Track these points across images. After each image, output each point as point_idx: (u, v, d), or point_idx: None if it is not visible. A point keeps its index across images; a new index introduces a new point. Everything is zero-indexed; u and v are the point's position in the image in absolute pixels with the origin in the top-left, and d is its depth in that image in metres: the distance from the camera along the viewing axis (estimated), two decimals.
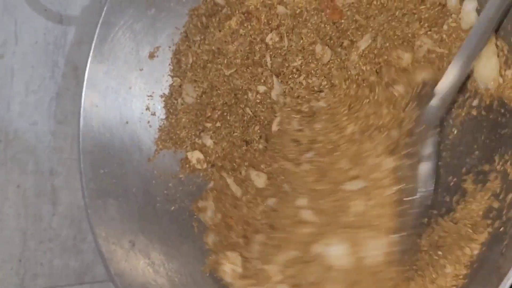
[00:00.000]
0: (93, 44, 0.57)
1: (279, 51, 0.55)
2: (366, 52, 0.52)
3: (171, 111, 0.59)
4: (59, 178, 0.69)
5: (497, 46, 0.47)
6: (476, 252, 0.44)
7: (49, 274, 0.68)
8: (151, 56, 0.59)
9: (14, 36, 0.67)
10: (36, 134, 0.68)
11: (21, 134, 0.68)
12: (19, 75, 0.67)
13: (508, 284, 0.39)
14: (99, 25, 0.57)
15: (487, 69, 0.47)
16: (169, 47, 0.60)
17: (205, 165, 0.57)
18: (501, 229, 0.44)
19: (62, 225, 0.69)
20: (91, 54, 0.57)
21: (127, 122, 0.59)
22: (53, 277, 0.69)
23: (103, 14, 0.57)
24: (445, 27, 0.50)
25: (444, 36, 0.50)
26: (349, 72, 0.53)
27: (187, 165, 0.57)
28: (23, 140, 0.68)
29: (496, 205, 0.45)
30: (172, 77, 0.59)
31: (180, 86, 0.59)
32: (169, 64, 0.59)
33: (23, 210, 0.68)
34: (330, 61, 0.54)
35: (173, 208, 0.59)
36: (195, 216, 0.59)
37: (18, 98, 0.68)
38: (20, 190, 0.68)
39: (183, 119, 0.58)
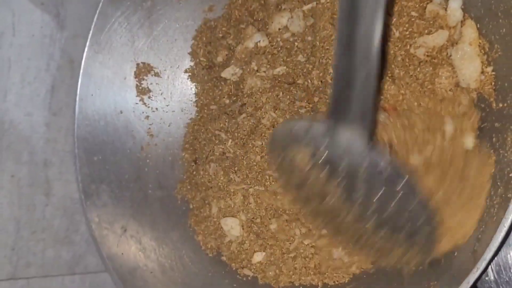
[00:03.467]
0: (90, 34, 0.59)
1: None
2: None
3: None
4: (53, 169, 0.70)
5: (479, 44, 0.48)
6: None
7: (41, 263, 0.69)
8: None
9: (11, 28, 0.68)
10: (31, 125, 0.69)
11: (16, 124, 0.69)
12: (16, 66, 0.68)
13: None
14: (96, 16, 0.58)
15: (470, 70, 0.49)
16: (167, 40, 0.62)
17: None
18: None
19: (55, 216, 0.71)
20: (87, 44, 0.59)
21: (121, 112, 0.61)
22: (45, 266, 0.70)
23: (100, 4, 0.58)
24: None
25: None
26: None
27: None
28: (18, 130, 0.69)
29: None
30: None
31: None
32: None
33: (17, 199, 0.69)
34: None
35: (163, 195, 0.60)
36: (185, 203, 0.60)
37: (14, 89, 0.68)
38: (14, 179, 0.69)
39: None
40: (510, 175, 0.41)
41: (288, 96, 0.55)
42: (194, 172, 0.60)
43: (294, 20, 0.56)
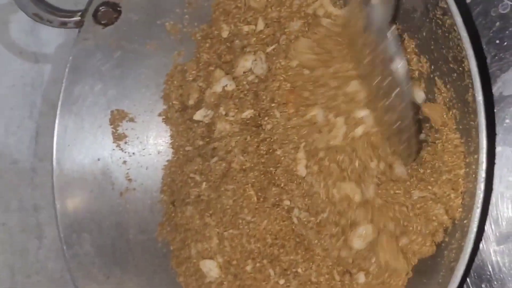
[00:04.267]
0: (62, 88, 0.60)
1: None
2: None
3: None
4: (43, 213, 0.72)
5: None
6: None
7: None
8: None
9: None
10: (18, 173, 0.71)
11: (2, 173, 0.71)
12: None
13: None
14: (67, 69, 0.60)
15: None
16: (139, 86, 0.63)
17: None
18: None
19: (49, 258, 0.72)
20: (61, 96, 0.60)
21: (98, 159, 0.62)
22: None
23: (70, 58, 0.59)
24: None
25: None
26: None
27: None
28: (5, 179, 0.71)
29: None
30: None
31: None
32: None
33: (10, 246, 0.71)
34: None
35: (144, 238, 0.62)
36: (166, 245, 0.62)
37: None
38: (6, 228, 0.71)
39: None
40: None
41: (255, 139, 0.55)
42: (173, 214, 0.61)
43: (257, 62, 0.57)
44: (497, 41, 0.55)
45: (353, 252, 0.51)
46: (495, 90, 0.55)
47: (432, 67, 0.50)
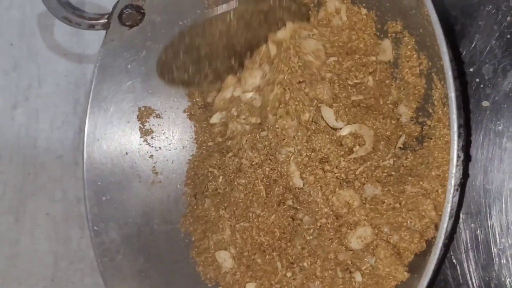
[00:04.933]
0: (93, 85, 0.64)
1: None
2: None
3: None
4: None
5: None
6: None
7: None
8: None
9: (37, 80, 0.75)
10: (62, 166, 0.76)
11: (48, 166, 0.76)
12: (43, 114, 0.75)
13: None
14: (96, 68, 0.64)
15: None
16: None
17: None
18: None
19: (90, 247, 0.75)
20: (91, 94, 0.64)
21: (126, 153, 0.65)
22: None
23: (99, 58, 0.63)
24: None
25: None
26: None
27: None
28: (50, 171, 0.76)
29: None
30: None
31: None
32: None
33: (54, 234, 0.76)
34: None
35: (168, 228, 0.65)
36: (188, 235, 0.65)
37: (44, 135, 0.75)
38: (50, 217, 0.76)
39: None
40: None
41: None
42: (195, 207, 0.64)
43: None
44: (508, 36, 0.55)
45: (350, 253, 0.52)
46: (506, 85, 0.54)
47: (430, 63, 0.50)
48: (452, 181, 0.41)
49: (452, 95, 0.41)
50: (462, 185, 0.48)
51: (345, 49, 0.54)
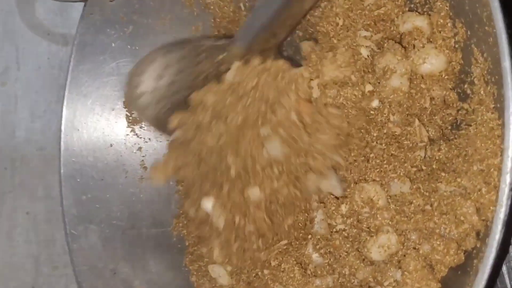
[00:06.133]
0: (70, 67, 0.56)
1: None
2: None
3: None
4: None
5: None
6: None
7: None
8: None
9: (15, 62, 0.68)
10: (45, 159, 0.68)
11: (28, 160, 0.69)
12: (23, 101, 0.68)
13: None
14: (74, 47, 0.56)
15: None
16: None
17: None
18: None
19: None
20: (68, 77, 0.56)
21: (111, 145, 0.57)
22: None
23: (76, 36, 0.55)
24: None
25: None
26: None
27: None
28: (31, 166, 0.69)
29: None
30: None
31: None
32: None
33: (34, 236, 0.69)
34: None
35: (158, 232, 0.57)
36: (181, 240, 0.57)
37: (24, 124, 0.68)
38: (30, 216, 0.69)
39: None
40: None
41: None
42: None
43: None
44: None
45: (369, 269, 0.43)
46: None
47: (469, 33, 0.41)
48: (507, 179, 0.31)
49: (507, 64, 0.32)
50: None
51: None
